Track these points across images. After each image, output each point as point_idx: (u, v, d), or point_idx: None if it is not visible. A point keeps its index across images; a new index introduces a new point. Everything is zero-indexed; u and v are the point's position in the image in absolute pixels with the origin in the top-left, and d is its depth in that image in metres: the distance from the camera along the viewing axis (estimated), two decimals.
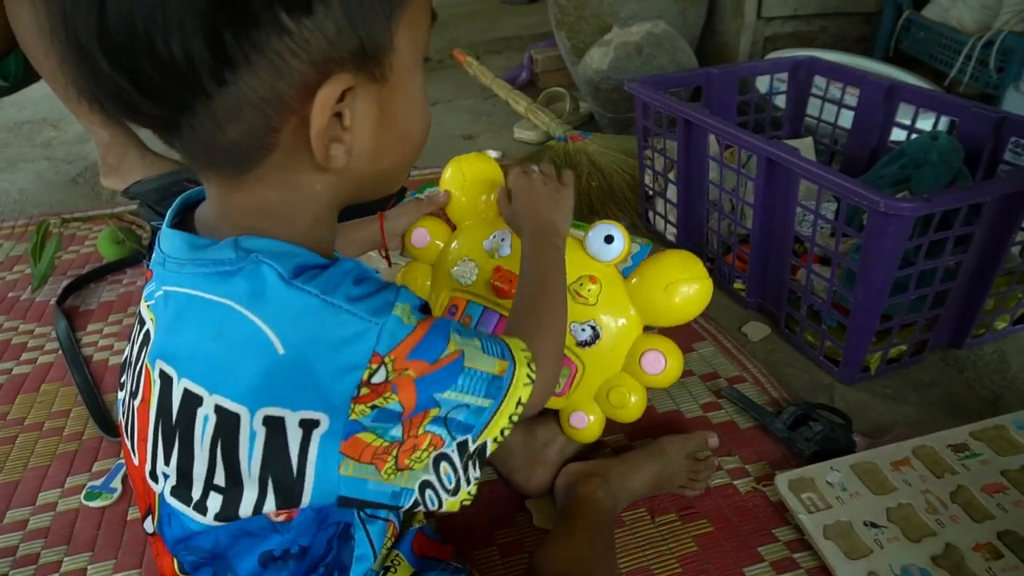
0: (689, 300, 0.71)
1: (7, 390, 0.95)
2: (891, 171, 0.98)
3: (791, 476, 0.74)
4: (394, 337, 0.40)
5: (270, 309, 0.39)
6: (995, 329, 0.98)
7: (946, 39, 1.54)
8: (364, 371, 0.39)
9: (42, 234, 1.27)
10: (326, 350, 0.39)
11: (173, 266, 0.42)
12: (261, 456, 0.40)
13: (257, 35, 0.33)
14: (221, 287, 0.40)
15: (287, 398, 0.39)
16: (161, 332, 0.43)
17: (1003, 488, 0.72)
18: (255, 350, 0.39)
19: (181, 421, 0.42)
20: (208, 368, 0.41)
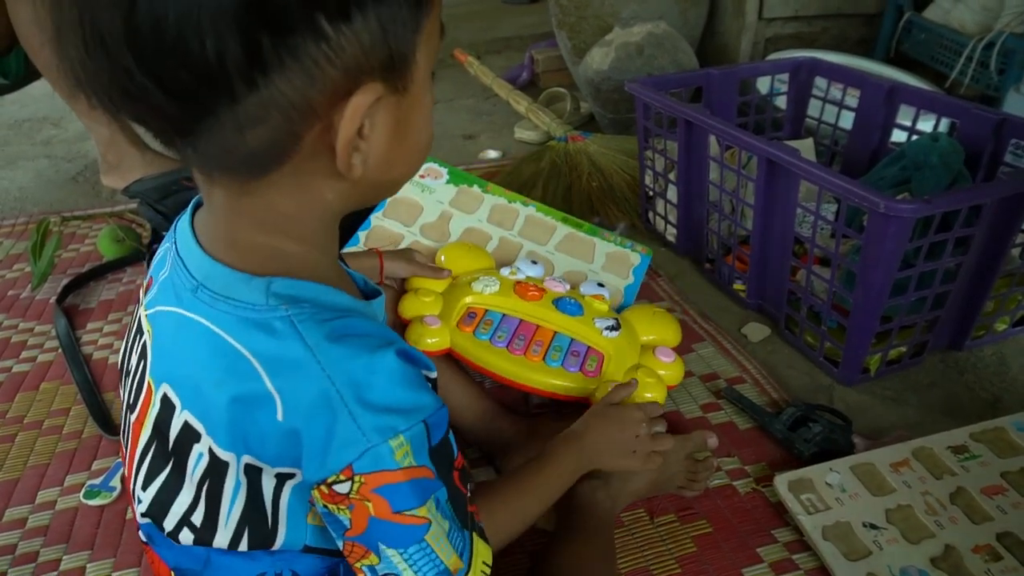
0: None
1: (7, 388, 0.95)
2: (891, 172, 0.98)
3: (790, 477, 0.74)
4: (375, 464, 0.38)
5: (285, 377, 0.39)
6: (995, 331, 0.98)
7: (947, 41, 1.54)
8: (331, 475, 0.39)
9: (42, 232, 1.27)
10: (316, 435, 0.39)
11: (206, 297, 0.41)
12: (243, 505, 0.41)
13: (294, 40, 0.33)
14: (244, 335, 0.39)
15: (271, 456, 0.40)
16: (167, 353, 0.43)
17: (1003, 490, 0.72)
18: (258, 409, 0.39)
19: (177, 451, 0.42)
20: (209, 409, 0.41)
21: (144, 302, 0.46)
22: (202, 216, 0.44)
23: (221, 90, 0.33)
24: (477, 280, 0.88)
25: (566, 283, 0.92)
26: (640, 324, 0.89)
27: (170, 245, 0.45)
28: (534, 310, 0.87)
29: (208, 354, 0.40)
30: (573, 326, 0.85)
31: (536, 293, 0.88)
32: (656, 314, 0.91)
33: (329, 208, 0.42)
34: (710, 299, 1.11)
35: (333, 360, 0.38)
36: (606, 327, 0.85)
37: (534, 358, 0.80)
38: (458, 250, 0.96)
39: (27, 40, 1.33)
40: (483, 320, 0.84)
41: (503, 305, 0.87)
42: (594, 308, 0.88)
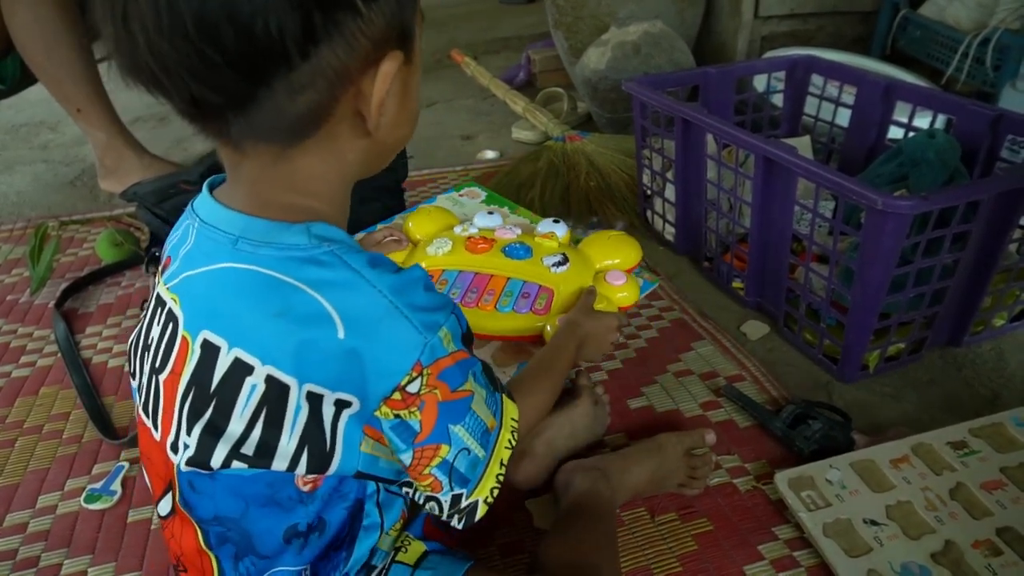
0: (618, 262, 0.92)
1: (6, 393, 0.95)
2: (888, 169, 0.98)
3: (790, 474, 0.74)
4: (434, 353, 0.44)
5: (341, 296, 0.43)
6: (993, 327, 0.98)
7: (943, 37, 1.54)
8: (404, 376, 0.43)
9: (40, 237, 1.27)
10: (381, 348, 0.43)
11: (247, 246, 0.44)
12: (303, 427, 0.44)
13: (338, 15, 0.39)
14: (294, 270, 0.43)
15: (332, 380, 0.44)
16: (205, 305, 0.46)
17: (1002, 485, 0.72)
18: (318, 330, 0.43)
19: (224, 389, 0.44)
20: (265, 341, 0.44)
21: (162, 279, 0.49)
22: (225, 191, 0.49)
23: (280, 60, 0.38)
24: (431, 244, 0.92)
25: (517, 229, 0.95)
26: (595, 251, 0.92)
27: (189, 222, 0.49)
28: (485, 262, 0.90)
29: (260, 292, 0.44)
30: (523, 269, 0.88)
31: (485, 245, 0.92)
32: (612, 238, 0.94)
33: (350, 168, 0.48)
34: (709, 297, 1.11)
35: (377, 276, 0.44)
36: (553, 263, 0.88)
37: (486, 307, 0.84)
38: (423, 216, 1.00)
39: (24, 45, 1.33)
40: (437, 282, 0.88)
41: (455, 263, 0.90)
42: (543, 248, 0.91)
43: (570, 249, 0.92)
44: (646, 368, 0.94)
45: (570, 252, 0.91)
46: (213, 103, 0.40)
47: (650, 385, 0.92)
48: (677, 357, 0.96)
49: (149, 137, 1.60)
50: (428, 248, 0.92)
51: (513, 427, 0.52)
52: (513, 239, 0.93)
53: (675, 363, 0.95)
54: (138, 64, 0.38)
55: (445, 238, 0.93)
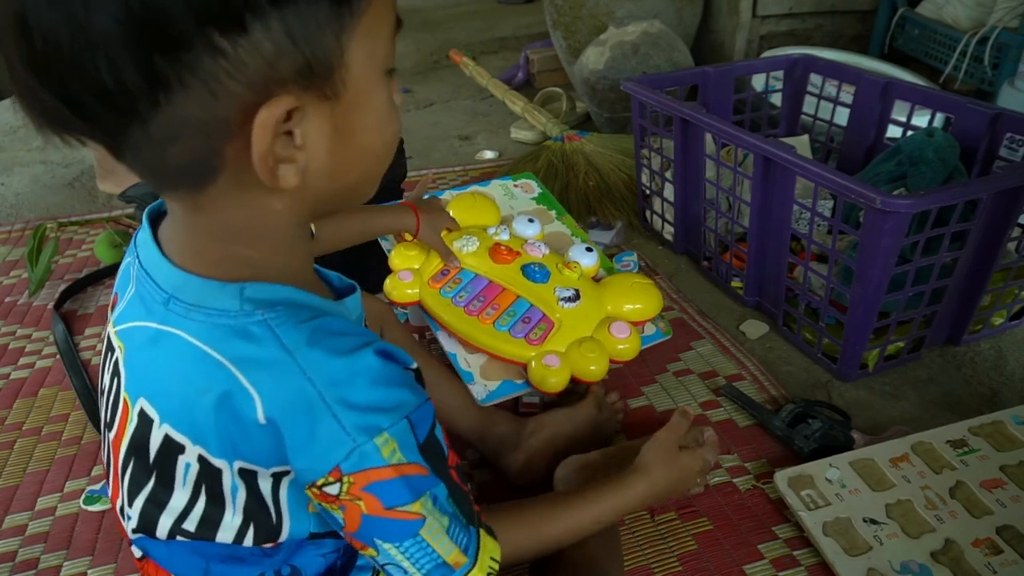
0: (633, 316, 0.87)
1: (5, 394, 0.95)
2: (887, 168, 0.98)
3: (790, 473, 0.74)
4: (364, 462, 0.38)
5: (265, 379, 0.38)
6: (992, 325, 0.98)
7: (941, 36, 1.54)
8: (320, 477, 0.38)
9: (39, 238, 1.27)
10: (299, 440, 0.38)
11: (179, 308, 0.40)
12: (244, 503, 0.41)
13: (189, 57, 0.31)
14: (220, 343, 0.39)
15: (262, 458, 0.40)
16: (142, 368, 0.42)
17: (1002, 483, 0.72)
18: (239, 412, 0.38)
19: (161, 463, 0.42)
20: (193, 419, 0.40)
21: (112, 319, 0.46)
22: (166, 229, 0.43)
23: (127, 111, 0.32)
24: (460, 238, 0.92)
25: (545, 248, 0.94)
26: (612, 294, 0.88)
27: (132, 260, 0.45)
28: (502, 273, 0.89)
29: (188, 366, 0.39)
30: (534, 292, 0.87)
31: (508, 256, 0.90)
32: (634, 284, 0.89)
33: (283, 220, 0.40)
34: (708, 297, 1.11)
35: (313, 362, 0.38)
36: (564, 297, 0.86)
37: (485, 321, 0.83)
38: (466, 201, 0.98)
39: None
40: (453, 278, 0.88)
41: (475, 265, 0.90)
42: (561, 276, 0.89)
43: (587, 285, 0.89)
44: (646, 368, 0.94)
45: (586, 289, 0.87)
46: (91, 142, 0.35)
47: (650, 385, 0.92)
48: (677, 357, 0.96)
49: None
50: (456, 241, 0.91)
51: (491, 569, 0.45)
52: (536, 259, 0.91)
53: (675, 363, 0.95)
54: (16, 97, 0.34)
55: (474, 237, 0.92)
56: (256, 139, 0.34)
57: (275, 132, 0.34)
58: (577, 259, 0.92)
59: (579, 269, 0.90)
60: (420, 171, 1.55)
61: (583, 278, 0.90)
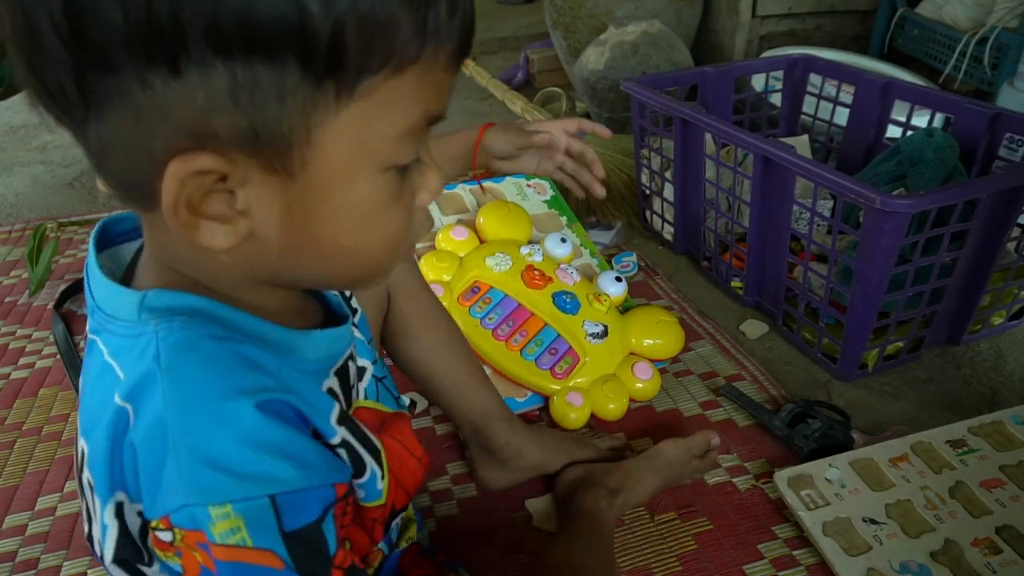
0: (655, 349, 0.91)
1: (5, 394, 0.95)
2: (887, 168, 0.98)
3: (790, 473, 0.74)
4: (192, 523, 0.32)
5: (137, 398, 0.34)
6: (992, 325, 0.98)
7: (940, 36, 1.54)
8: (155, 521, 0.33)
9: (39, 238, 1.27)
10: (151, 468, 0.33)
11: (100, 318, 0.37)
12: (115, 542, 0.36)
13: (117, 80, 0.29)
14: (119, 355, 0.36)
15: (133, 488, 0.35)
16: (84, 377, 0.40)
17: (1001, 483, 0.72)
18: (122, 435, 0.34)
19: (80, 478, 0.39)
20: (91, 437, 0.37)
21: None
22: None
23: (67, 111, 0.31)
24: (493, 255, 0.92)
25: (577, 275, 0.93)
26: (638, 329, 0.91)
27: None
28: (533, 298, 0.89)
29: (96, 378, 0.37)
30: (563, 322, 0.88)
31: (540, 282, 0.91)
32: (660, 322, 0.92)
33: (232, 270, 0.36)
34: (708, 297, 1.11)
35: (179, 389, 0.33)
36: (592, 333, 0.87)
37: (513, 348, 0.84)
38: (499, 211, 0.99)
39: None
40: (483, 297, 0.89)
41: (506, 286, 0.90)
42: (591, 309, 0.89)
43: (615, 320, 0.90)
44: None
45: (613, 324, 0.89)
46: None
47: None
48: (676, 357, 0.96)
49: None
50: (489, 258, 0.92)
51: None
52: (568, 287, 0.92)
53: (674, 363, 0.95)
54: None
55: (508, 256, 0.93)
56: (164, 187, 0.30)
57: (187, 187, 0.31)
58: (606, 289, 0.94)
59: (608, 302, 0.91)
60: None
61: (611, 311, 0.91)
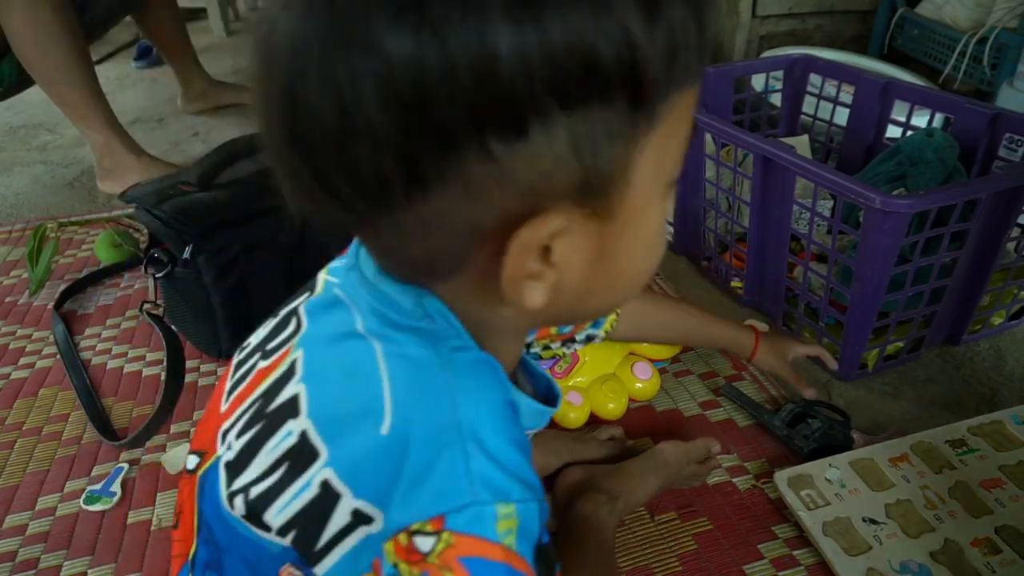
0: None
1: (5, 394, 0.95)
2: (887, 168, 0.98)
3: (790, 473, 0.74)
4: (473, 525, 0.31)
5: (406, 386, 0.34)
6: (991, 325, 0.98)
7: (940, 36, 1.54)
8: (419, 522, 0.31)
9: (39, 238, 1.27)
10: (417, 464, 0.32)
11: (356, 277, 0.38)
12: (298, 510, 0.36)
13: (455, 158, 0.28)
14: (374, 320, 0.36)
15: (359, 477, 0.34)
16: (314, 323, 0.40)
17: (1001, 483, 0.72)
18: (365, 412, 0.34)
19: (270, 418, 0.38)
20: (320, 393, 0.37)
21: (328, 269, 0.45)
22: None
23: (379, 203, 0.30)
24: None
25: None
26: None
27: None
28: None
29: (340, 335, 0.37)
30: None
31: None
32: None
33: (507, 323, 0.37)
34: (707, 297, 1.11)
35: (460, 383, 0.34)
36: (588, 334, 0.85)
37: None
38: None
39: (19, 47, 1.33)
40: None
41: None
42: None
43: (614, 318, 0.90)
44: None
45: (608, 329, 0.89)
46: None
47: None
48: (676, 356, 0.96)
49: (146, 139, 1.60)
50: None
51: None
52: None
53: (674, 363, 0.95)
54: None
55: None
56: (511, 258, 0.30)
57: (533, 253, 0.30)
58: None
59: None
60: None
61: None
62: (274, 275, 0.95)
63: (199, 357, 0.99)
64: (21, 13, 1.28)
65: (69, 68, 1.35)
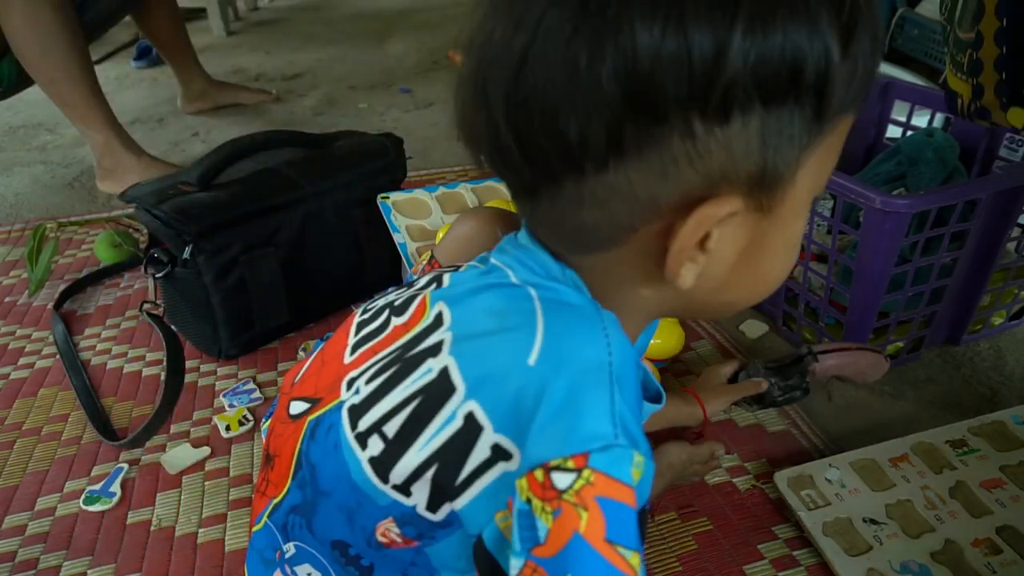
0: None
1: (5, 394, 0.95)
2: (887, 168, 0.98)
3: (790, 474, 0.74)
4: (614, 466, 0.32)
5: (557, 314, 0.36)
6: (991, 325, 0.98)
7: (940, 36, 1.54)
8: (560, 458, 0.32)
9: (38, 238, 1.27)
10: (564, 399, 0.34)
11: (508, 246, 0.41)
12: (443, 443, 0.37)
13: (660, 131, 0.31)
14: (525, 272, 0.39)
15: (501, 412, 0.35)
16: (455, 283, 0.43)
17: (1001, 483, 0.72)
18: (512, 345, 0.36)
19: (412, 360, 0.39)
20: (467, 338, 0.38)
21: None
22: None
23: (572, 165, 0.33)
24: None
25: None
26: None
27: None
28: None
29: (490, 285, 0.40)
30: None
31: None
32: (661, 323, 0.90)
33: (643, 306, 0.40)
34: None
35: (615, 336, 0.36)
36: None
37: None
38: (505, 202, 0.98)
39: (19, 47, 1.33)
40: None
41: None
42: None
43: None
44: None
45: None
46: (509, 182, 0.38)
47: None
48: (676, 357, 0.96)
49: (146, 139, 1.60)
50: None
51: None
52: None
53: (674, 363, 0.95)
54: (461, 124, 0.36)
55: None
56: (686, 231, 0.33)
57: (708, 230, 0.33)
58: None
59: None
60: (420, 171, 1.55)
61: None
62: (274, 275, 0.95)
63: (199, 357, 0.99)
64: (22, 12, 1.28)
65: (69, 68, 1.35)
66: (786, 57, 0.30)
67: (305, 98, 2.12)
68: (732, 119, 0.31)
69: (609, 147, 0.31)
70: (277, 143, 1.03)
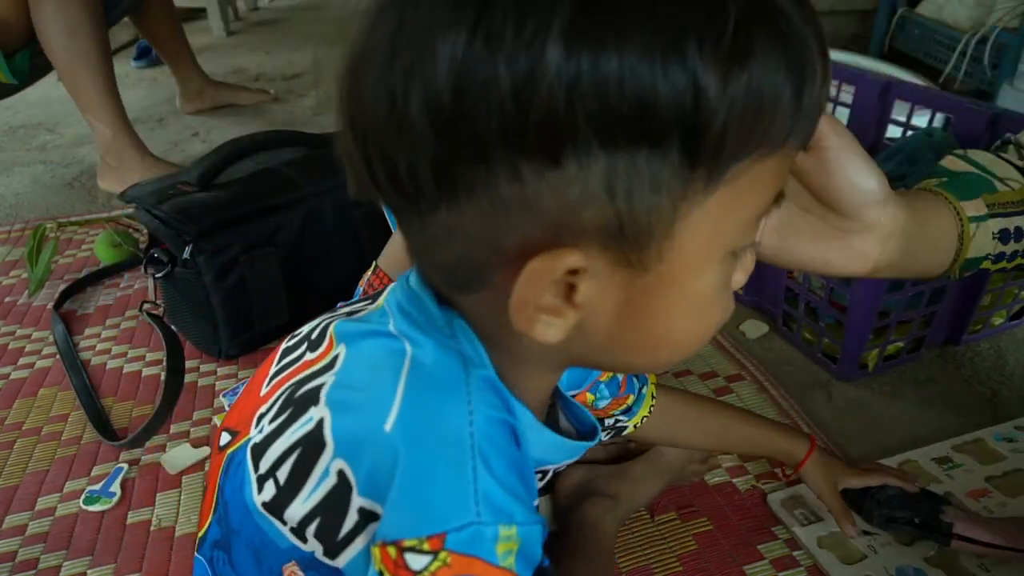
0: None
1: (5, 394, 0.95)
2: (887, 168, 0.98)
3: (782, 495, 0.74)
4: (473, 546, 0.30)
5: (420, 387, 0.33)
6: (992, 325, 0.98)
7: (941, 36, 1.54)
8: (415, 539, 0.30)
9: (38, 238, 1.27)
10: (417, 476, 0.31)
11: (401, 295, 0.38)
12: (320, 498, 0.35)
13: (484, 173, 0.27)
14: (398, 319, 0.36)
15: (362, 474, 0.33)
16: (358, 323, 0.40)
17: (988, 492, 0.73)
18: (373, 405, 0.34)
19: (298, 402, 0.38)
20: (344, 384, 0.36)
21: None
22: None
23: (410, 200, 0.30)
24: None
25: None
26: None
27: None
28: None
29: (373, 332, 0.37)
30: None
31: None
32: None
33: (535, 355, 0.35)
34: None
35: (479, 398, 0.33)
36: None
37: None
38: None
39: (45, 33, 1.35)
40: None
41: None
42: None
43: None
44: None
45: None
46: None
47: None
48: None
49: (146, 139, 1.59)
50: None
51: None
52: None
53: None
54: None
55: None
56: (520, 285, 0.29)
57: (546, 285, 0.29)
58: None
59: None
60: None
61: None
62: (274, 275, 0.95)
63: (199, 357, 0.99)
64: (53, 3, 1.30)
65: (88, 57, 1.37)
66: (626, 87, 0.25)
67: (305, 98, 2.12)
68: (564, 162, 0.26)
69: (439, 186, 0.28)
70: (277, 143, 1.04)
